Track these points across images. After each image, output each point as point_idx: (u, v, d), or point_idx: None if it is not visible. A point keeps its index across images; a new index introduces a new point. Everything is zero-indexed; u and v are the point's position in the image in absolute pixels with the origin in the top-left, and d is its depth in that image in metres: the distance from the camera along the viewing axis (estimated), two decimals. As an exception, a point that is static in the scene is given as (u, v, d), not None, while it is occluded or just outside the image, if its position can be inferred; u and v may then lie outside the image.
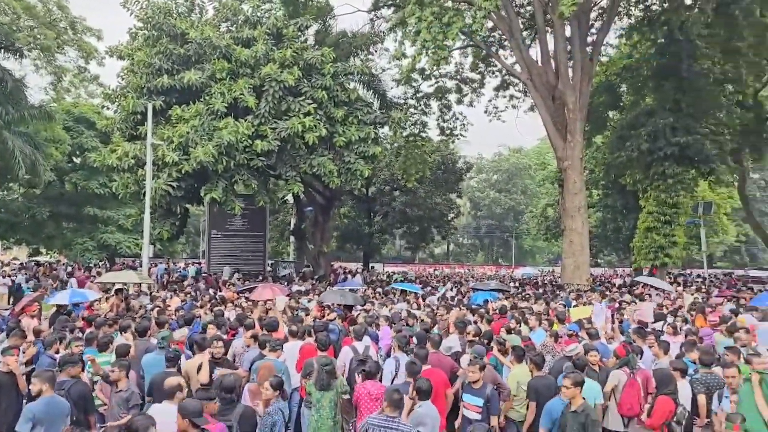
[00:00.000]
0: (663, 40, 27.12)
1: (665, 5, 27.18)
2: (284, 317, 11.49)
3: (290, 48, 21.35)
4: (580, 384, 5.92)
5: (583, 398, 5.97)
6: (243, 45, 21.84)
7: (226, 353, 8.48)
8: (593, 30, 27.63)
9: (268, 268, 30.69)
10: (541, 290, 22.93)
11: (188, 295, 16.77)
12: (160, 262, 35.47)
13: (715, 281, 30.23)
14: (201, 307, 13.91)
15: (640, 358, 8.64)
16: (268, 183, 25.54)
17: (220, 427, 5.15)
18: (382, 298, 17.27)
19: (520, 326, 11.58)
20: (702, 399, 7.29)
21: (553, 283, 27.35)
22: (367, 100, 25.20)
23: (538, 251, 78.34)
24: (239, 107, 20.78)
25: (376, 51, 29.89)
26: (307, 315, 12.13)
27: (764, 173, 64.77)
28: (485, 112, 34.70)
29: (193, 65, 21.75)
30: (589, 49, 26.36)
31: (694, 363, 8.14)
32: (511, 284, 26.74)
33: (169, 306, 14.04)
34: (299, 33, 23.20)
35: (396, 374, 7.82)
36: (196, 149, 19.16)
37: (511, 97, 34.46)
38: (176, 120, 20.36)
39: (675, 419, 6.62)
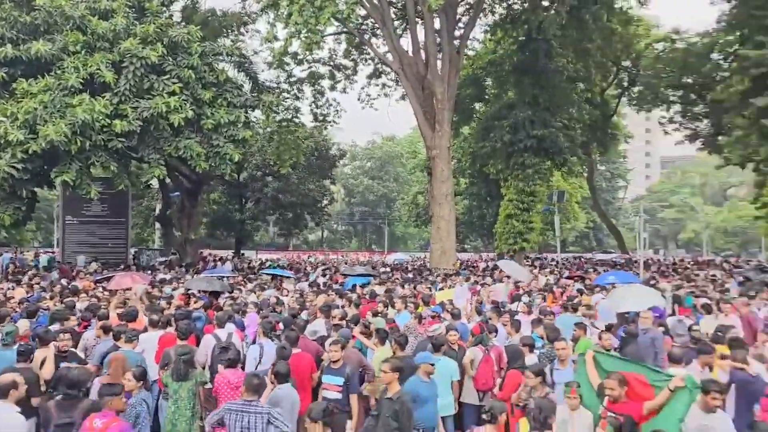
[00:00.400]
0: (523, 38, 28.85)
1: (525, 5, 28.90)
2: (142, 306, 10.91)
3: (153, 23, 20.08)
4: (398, 370, 5.89)
5: (401, 386, 6.00)
6: (100, 17, 20.20)
7: (75, 346, 7.92)
8: (461, 24, 28.72)
9: (131, 257, 28.97)
10: (410, 275, 23.63)
11: (35, 286, 15.40)
12: (6, 251, 32.22)
13: (567, 264, 32.81)
14: (51, 298, 12.84)
15: (495, 336, 9.19)
16: (130, 166, 23.97)
17: (122, 427, 4.94)
18: (252, 284, 16.94)
19: (387, 309, 11.89)
20: (547, 371, 7.92)
21: (422, 267, 28.29)
22: (237, 83, 24.41)
23: (410, 237, 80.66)
24: (96, 84, 19.25)
25: (247, 32, 29.05)
26: (169, 304, 11.60)
27: (609, 165, 71.31)
28: (358, 99, 35.01)
29: (42, 35, 19.80)
30: (456, 42, 27.41)
31: (542, 339, 8.82)
32: (382, 269, 27.31)
33: (12, 297, 12.84)
34: (163, 8, 21.93)
35: (260, 361, 7.72)
36: (45, 127, 17.51)
37: (384, 85, 35.05)
38: (22, 95, 18.45)
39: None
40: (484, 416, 5.10)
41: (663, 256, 58.84)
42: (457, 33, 27.84)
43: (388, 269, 27.51)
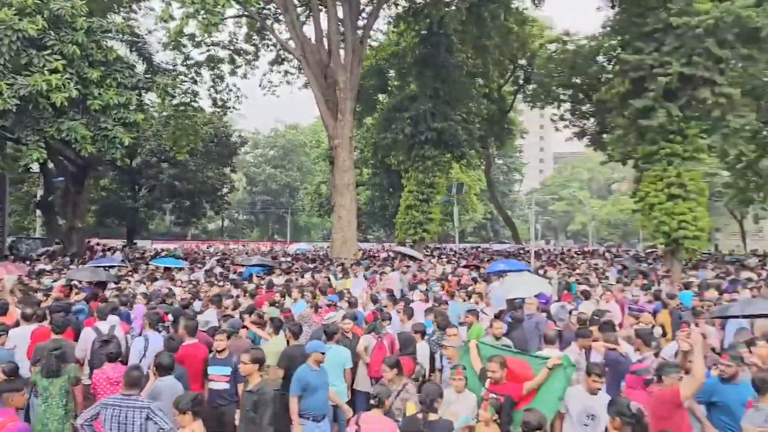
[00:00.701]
0: (425, 32, 29.30)
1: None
2: (14, 299, 10.11)
3: (33, -6, 18.55)
4: (258, 361, 5.81)
5: (261, 377, 5.92)
6: (-30, -16, 18.41)
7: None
8: (364, 14, 28.74)
9: (8, 246, 26.81)
10: (311, 264, 23.49)
11: None
12: None
13: (464, 254, 33.89)
14: None
15: (389, 324, 9.32)
16: (5, 148, 22.10)
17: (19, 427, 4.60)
18: (141, 274, 16.18)
19: (284, 299, 11.76)
20: (437, 357, 8.14)
21: (323, 257, 28.22)
22: (129, 62, 23.08)
23: (313, 227, 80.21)
24: (-37, 56, 17.55)
25: (140, 9, 27.53)
26: (47, 296, 10.83)
27: (506, 159, 74.34)
28: (260, 85, 34.22)
29: None
30: (360, 32, 27.40)
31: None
32: (283, 259, 26.98)
33: None
34: (45, -22, 20.24)
35: (144, 354, 7.38)
36: None
37: (286, 72, 34.48)
38: None
39: (413, 376, 7.26)
40: (372, 401, 5.16)
41: (553, 246, 62.27)
42: (360, 23, 27.83)
43: (289, 259, 27.22)
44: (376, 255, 34.25)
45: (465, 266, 22.00)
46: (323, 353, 6.50)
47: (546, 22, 40.05)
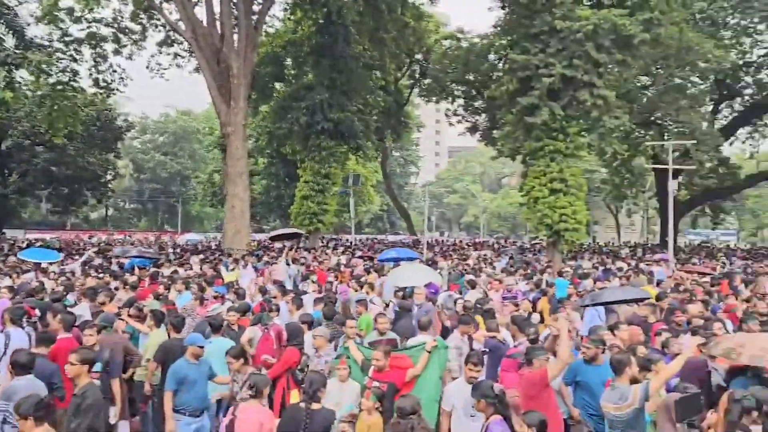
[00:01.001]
0: (322, 21, 29.04)
1: (325, -12, 29.13)
2: None
3: None
4: (87, 362, 5.30)
5: (92, 380, 5.45)
6: None
7: None
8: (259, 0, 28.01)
9: None
10: (201, 255, 22.68)
11: None
12: None
13: (359, 245, 34.08)
14: None
15: (278, 315, 9.17)
16: None
17: None
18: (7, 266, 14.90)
19: (168, 291, 11.28)
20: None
21: (215, 248, 27.33)
22: (-5, 35, 21.14)
23: (206, 217, 77.60)
24: None
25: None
26: None
27: (403, 152, 75.55)
28: (147, 67, 32.40)
29: None
30: (254, 17, 26.66)
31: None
32: (171, 250, 25.87)
33: None
34: None
35: (5, 351, 6.77)
36: None
37: (176, 55, 32.83)
38: None
39: (299, 367, 7.19)
40: (249, 391, 5.06)
41: (447, 237, 64.24)
42: (255, 8, 27.07)
43: (178, 250, 26.13)
44: (271, 246, 33.71)
45: (360, 257, 22.16)
46: (201, 347, 6.28)
47: (442, 18, 41.01)
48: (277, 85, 36.65)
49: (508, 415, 4.53)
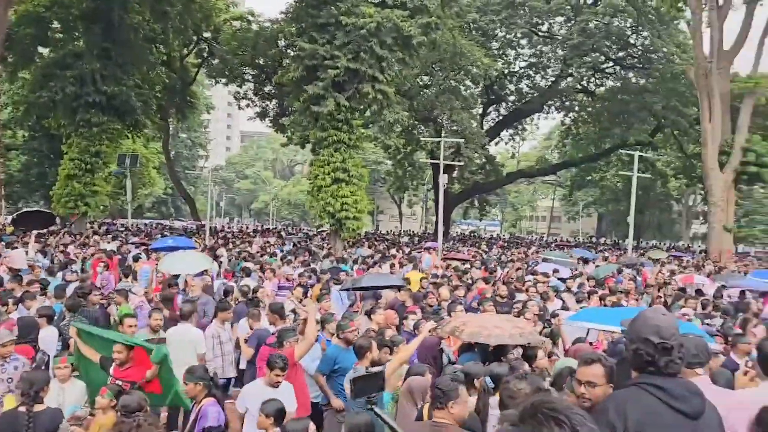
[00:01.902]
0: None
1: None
2: None
3: None
4: None
5: None
6: None
7: None
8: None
9: None
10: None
11: None
12: None
13: (135, 230, 31.62)
14: None
15: (16, 308, 8.13)
16: None
17: None
18: None
19: None
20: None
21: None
22: None
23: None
24: None
25: None
26: None
27: (191, 134, 71.95)
28: None
29: None
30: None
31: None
32: None
33: None
34: None
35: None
36: None
37: None
38: None
39: (34, 365, 6.45)
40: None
41: (236, 224, 62.91)
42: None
43: None
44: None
45: (132, 243, 20.70)
46: None
47: (233, -3, 39.57)
48: (41, 50, 32.35)
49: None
